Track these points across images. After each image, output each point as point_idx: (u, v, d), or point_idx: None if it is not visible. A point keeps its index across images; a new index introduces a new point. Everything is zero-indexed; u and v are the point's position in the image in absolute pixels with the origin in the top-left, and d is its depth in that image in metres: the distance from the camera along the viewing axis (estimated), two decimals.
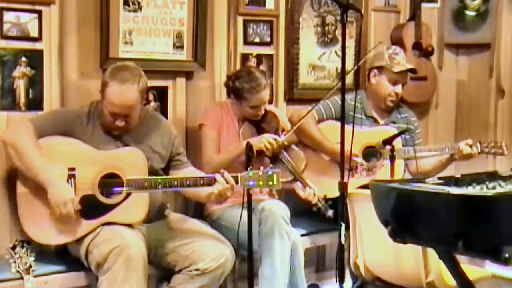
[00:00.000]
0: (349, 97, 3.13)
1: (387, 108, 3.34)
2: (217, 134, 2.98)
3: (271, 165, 2.53)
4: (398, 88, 3.28)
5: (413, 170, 3.29)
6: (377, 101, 3.33)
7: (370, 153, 3.21)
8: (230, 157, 2.86)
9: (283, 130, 3.02)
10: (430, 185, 1.51)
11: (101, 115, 2.55)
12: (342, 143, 2.28)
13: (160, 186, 2.47)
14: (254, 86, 2.88)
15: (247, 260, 2.57)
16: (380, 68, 3.28)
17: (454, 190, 1.41)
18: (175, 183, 2.49)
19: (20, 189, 2.49)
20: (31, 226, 2.47)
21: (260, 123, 2.99)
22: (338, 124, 2.35)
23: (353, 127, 2.32)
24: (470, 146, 3.20)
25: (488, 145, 3.21)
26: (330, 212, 2.88)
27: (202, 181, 2.50)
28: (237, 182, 2.47)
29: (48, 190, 2.39)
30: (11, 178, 2.59)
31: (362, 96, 3.36)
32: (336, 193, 2.35)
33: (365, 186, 2.74)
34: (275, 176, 2.48)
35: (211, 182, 2.49)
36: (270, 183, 2.49)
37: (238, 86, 2.91)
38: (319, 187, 2.95)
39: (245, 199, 2.49)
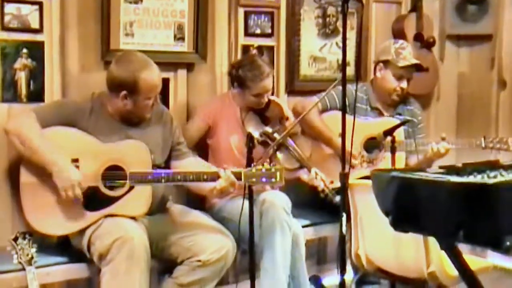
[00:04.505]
0: (355, 88, 3.11)
1: (392, 102, 3.33)
2: (205, 125, 3.00)
3: (277, 153, 2.52)
4: (404, 84, 3.26)
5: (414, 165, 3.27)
6: (382, 94, 3.32)
7: (372, 144, 3.20)
8: None
9: (287, 119, 3.02)
10: (431, 174, 1.51)
11: (128, 110, 2.54)
12: (343, 134, 2.27)
13: (163, 180, 2.47)
14: (257, 74, 2.88)
15: (249, 252, 2.57)
16: (386, 62, 3.26)
17: (455, 178, 1.41)
18: (178, 177, 2.50)
19: (24, 178, 2.48)
20: (34, 216, 2.47)
21: (263, 112, 2.99)
22: None
23: (354, 119, 2.29)
24: (443, 139, 3.14)
25: (493, 140, 3.18)
26: (337, 198, 2.80)
27: (205, 176, 2.51)
28: (240, 179, 2.48)
29: (53, 174, 2.38)
30: (13, 169, 2.59)
31: (367, 88, 3.35)
32: (338, 184, 2.35)
33: (365, 178, 2.75)
34: (278, 173, 2.49)
35: (214, 177, 2.49)
36: (274, 180, 2.50)
37: (241, 75, 2.91)
38: None
39: (246, 191, 2.50)
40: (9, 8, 2.64)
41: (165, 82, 3.07)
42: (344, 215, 2.20)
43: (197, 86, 3.20)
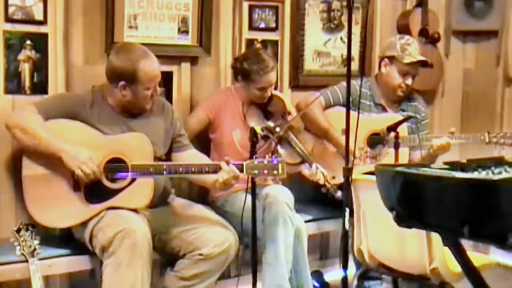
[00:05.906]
0: (359, 83, 3.10)
1: (397, 98, 3.31)
2: (207, 118, 3.00)
3: (278, 147, 2.51)
4: (409, 80, 3.23)
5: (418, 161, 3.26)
6: (387, 90, 3.30)
7: (375, 140, 3.19)
8: None
9: (289, 114, 3.01)
10: (436, 170, 1.50)
11: (128, 101, 2.53)
12: (347, 130, 2.26)
13: (165, 172, 2.47)
14: (262, 68, 2.87)
15: (251, 246, 2.57)
16: (391, 58, 3.24)
17: (459, 174, 1.40)
18: (180, 169, 2.49)
19: (26, 171, 2.49)
20: (36, 209, 2.47)
21: (266, 107, 2.98)
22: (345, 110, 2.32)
23: (358, 115, 2.27)
24: (452, 133, 3.13)
25: (497, 135, 3.15)
26: (339, 193, 2.80)
27: (207, 169, 2.50)
28: (242, 171, 2.47)
29: (63, 159, 2.39)
30: (16, 161, 2.59)
31: (371, 83, 3.33)
32: (341, 179, 2.34)
33: (368, 174, 2.74)
34: (280, 165, 2.49)
35: (216, 169, 2.49)
36: (275, 172, 2.49)
37: (246, 68, 2.90)
38: None
39: (249, 185, 2.50)
40: None
41: (169, 75, 3.07)
42: (347, 210, 2.20)
43: (201, 80, 3.20)
